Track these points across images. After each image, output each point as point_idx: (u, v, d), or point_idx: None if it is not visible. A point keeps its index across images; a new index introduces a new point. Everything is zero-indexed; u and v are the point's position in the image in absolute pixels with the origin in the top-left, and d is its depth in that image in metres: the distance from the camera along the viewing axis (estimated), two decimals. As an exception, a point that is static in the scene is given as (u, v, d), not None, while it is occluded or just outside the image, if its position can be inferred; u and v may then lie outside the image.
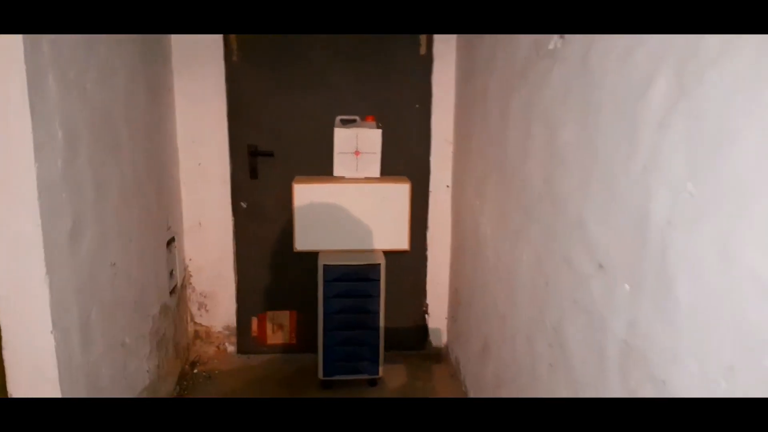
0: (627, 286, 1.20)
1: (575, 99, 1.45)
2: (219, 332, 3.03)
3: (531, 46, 1.75)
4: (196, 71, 2.74)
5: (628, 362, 1.20)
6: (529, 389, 1.80)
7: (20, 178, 1.46)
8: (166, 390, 2.54)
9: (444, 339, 3.13)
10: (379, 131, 2.72)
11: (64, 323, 1.62)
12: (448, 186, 2.96)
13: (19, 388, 1.59)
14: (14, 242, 1.49)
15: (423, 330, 3.13)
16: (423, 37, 2.81)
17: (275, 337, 3.02)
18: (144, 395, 2.25)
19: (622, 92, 1.21)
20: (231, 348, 3.04)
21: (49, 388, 1.60)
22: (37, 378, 1.59)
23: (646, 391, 1.13)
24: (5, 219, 1.48)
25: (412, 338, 3.12)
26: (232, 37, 2.73)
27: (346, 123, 2.75)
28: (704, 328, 0.95)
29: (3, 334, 1.55)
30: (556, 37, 1.57)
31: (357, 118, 2.78)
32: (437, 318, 3.11)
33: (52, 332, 1.57)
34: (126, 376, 2.09)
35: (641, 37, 1.13)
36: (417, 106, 2.87)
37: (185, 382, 2.71)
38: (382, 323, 2.66)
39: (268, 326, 3.00)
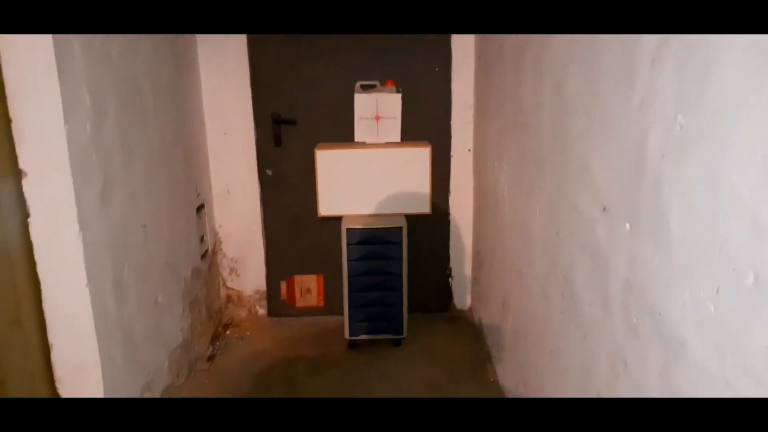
0: (627, 225, 1.22)
1: (579, 45, 1.46)
2: (250, 296, 3.15)
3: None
4: (219, 42, 2.81)
5: (629, 299, 1.23)
6: (543, 339, 1.83)
7: (52, 141, 1.56)
8: (200, 349, 2.67)
9: (468, 301, 3.18)
10: (399, 95, 2.75)
11: (98, 278, 1.73)
12: (469, 150, 2.98)
13: (58, 338, 1.71)
14: (49, 201, 1.60)
15: (447, 292, 3.18)
16: (441, 0, 2.81)
17: (304, 300, 3.12)
18: (178, 353, 2.38)
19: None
20: (262, 311, 3.16)
21: (86, 339, 1.71)
22: (75, 329, 1.70)
23: (646, 326, 1.16)
24: (40, 179, 1.58)
25: (437, 301, 3.18)
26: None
27: (366, 88, 2.79)
28: (694, 255, 0.98)
29: (42, 288, 1.66)
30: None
31: (377, 83, 2.81)
32: (461, 281, 3.16)
33: (87, 286, 1.68)
34: (160, 332, 2.21)
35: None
36: (437, 69, 2.88)
37: (218, 343, 2.84)
38: (405, 285, 2.72)
39: (297, 290, 3.10)
